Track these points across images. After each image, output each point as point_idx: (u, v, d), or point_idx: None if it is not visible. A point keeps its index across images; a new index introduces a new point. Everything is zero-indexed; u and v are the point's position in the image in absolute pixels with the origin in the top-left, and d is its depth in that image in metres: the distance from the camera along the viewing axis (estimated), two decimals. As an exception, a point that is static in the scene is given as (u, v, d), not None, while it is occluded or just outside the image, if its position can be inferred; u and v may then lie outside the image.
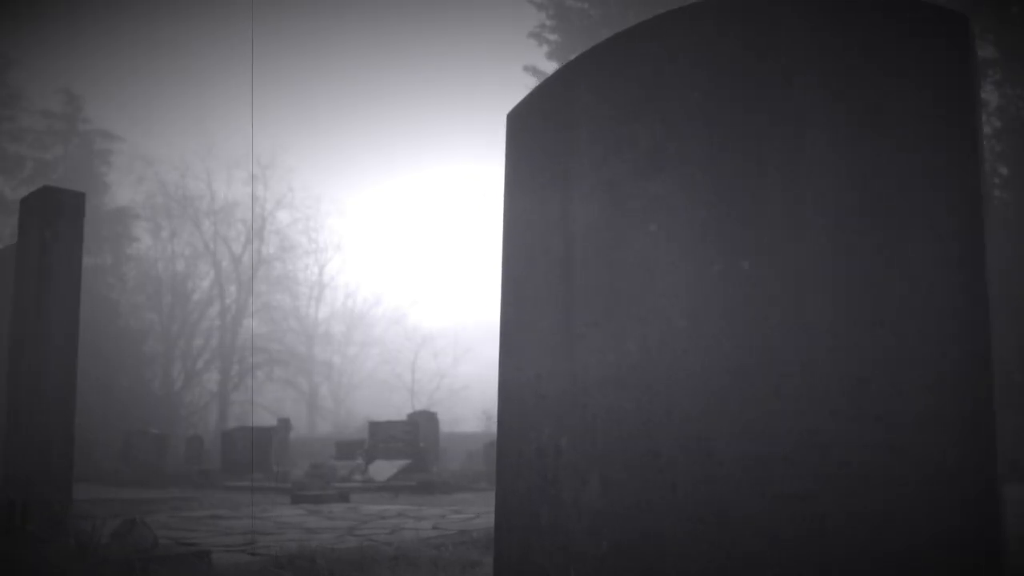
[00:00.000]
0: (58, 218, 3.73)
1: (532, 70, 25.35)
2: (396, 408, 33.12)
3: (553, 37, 25.48)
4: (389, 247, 61.06)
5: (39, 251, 3.68)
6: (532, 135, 2.08)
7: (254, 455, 15.85)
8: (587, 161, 1.92)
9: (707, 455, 1.68)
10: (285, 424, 18.83)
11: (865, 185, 1.59)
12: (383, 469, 13.76)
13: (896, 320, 1.54)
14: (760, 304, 1.67)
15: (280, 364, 35.08)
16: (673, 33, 1.84)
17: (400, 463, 14.01)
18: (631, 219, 1.82)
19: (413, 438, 15.07)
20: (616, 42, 1.94)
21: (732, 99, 1.73)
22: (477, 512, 6.33)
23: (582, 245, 1.91)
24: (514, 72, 26.97)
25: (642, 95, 1.85)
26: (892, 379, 1.53)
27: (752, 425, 1.64)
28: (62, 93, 29.58)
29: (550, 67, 25.07)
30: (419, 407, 30.95)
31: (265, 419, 29.96)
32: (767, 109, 1.67)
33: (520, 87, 25.65)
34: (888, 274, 1.56)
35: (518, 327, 2.05)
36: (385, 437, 15.45)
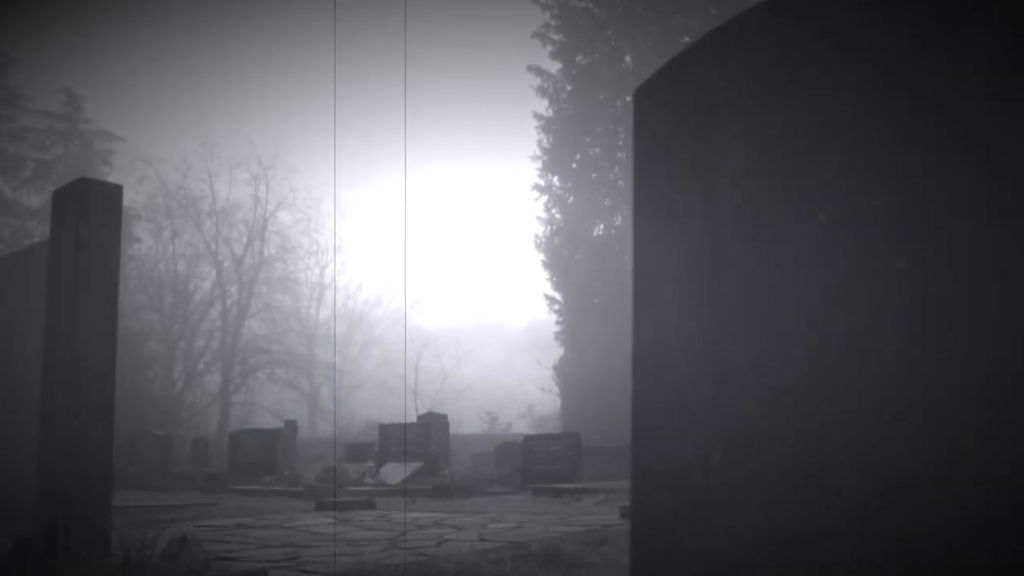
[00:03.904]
0: (94, 212, 3.50)
1: (536, 70, 25.14)
2: (398, 409, 32.88)
3: (557, 37, 25.27)
4: (390, 248, 60.83)
5: (74, 248, 3.45)
6: (666, 113, 1.86)
7: (260, 457, 15.62)
8: (736, 142, 1.70)
9: (894, 477, 1.47)
10: (292, 426, 18.61)
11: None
12: (395, 472, 13.54)
13: None
14: (957, 304, 1.45)
15: (281, 365, 34.86)
16: (838, -4, 1.62)
17: (412, 466, 13.79)
18: (794, 207, 1.61)
19: (424, 440, 14.86)
20: (769, 5, 1.72)
21: (922, 65, 1.50)
22: (518, 521, 6.12)
23: (732, 236, 1.69)
24: (518, 72, 26.70)
25: (804, 64, 1.63)
26: None
27: (952, 446, 1.42)
28: (63, 93, 29.33)
29: (554, 67, 24.88)
30: (423, 408, 30.74)
31: (267, 420, 29.74)
32: (970, 74, 1.45)
33: (524, 87, 25.42)
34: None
35: (654, 328, 1.83)
36: (396, 439, 15.23)
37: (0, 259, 6.90)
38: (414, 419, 18.43)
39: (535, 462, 13.19)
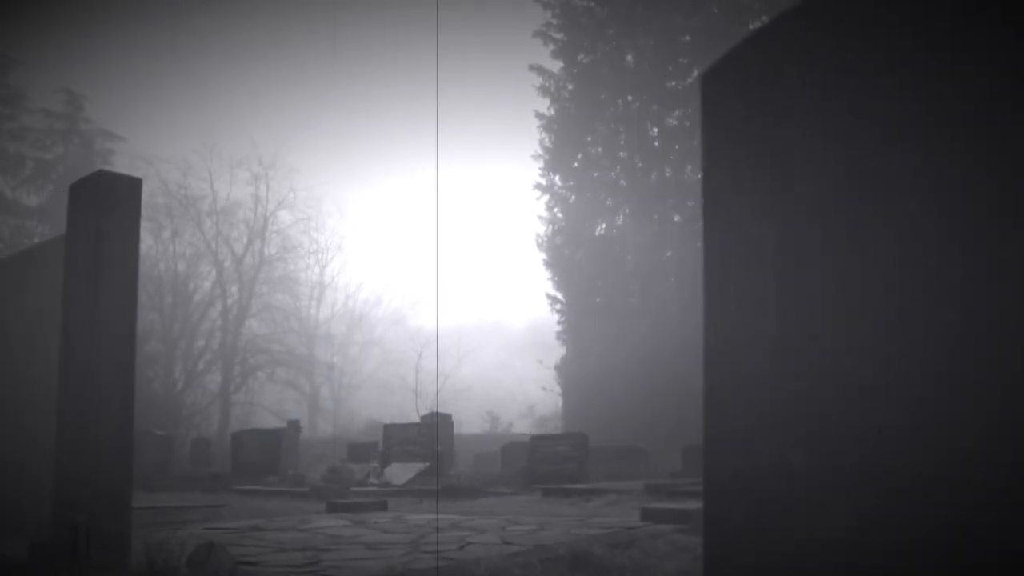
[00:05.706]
0: (114, 206, 3.39)
1: (538, 69, 25.05)
2: (398, 408, 32.77)
3: (559, 36, 25.19)
4: (390, 248, 60.85)
5: (93, 243, 3.34)
6: (737, 99, 1.76)
7: (263, 458, 15.52)
8: (811, 128, 1.61)
9: (1000, 486, 1.37)
10: (294, 426, 18.52)
11: None
12: (400, 473, 13.44)
13: None
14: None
15: (281, 365, 34.74)
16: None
17: (417, 466, 13.69)
18: (878, 196, 1.51)
19: (429, 440, 14.75)
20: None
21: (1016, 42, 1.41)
22: (536, 523, 6.02)
23: (811, 226, 1.59)
24: (520, 71, 26.59)
25: (891, 43, 1.53)
26: None
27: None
28: (63, 92, 29.25)
29: (555, 66, 24.78)
30: (423, 409, 30.65)
31: (268, 420, 29.62)
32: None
33: (526, 86, 25.32)
34: None
35: (726, 324, 1.73)
36: (400, 440, 15.14)
37: (1, 260, 6.81)
38: (416, 419, 18.35)
39: (541, 462, 13.09)
